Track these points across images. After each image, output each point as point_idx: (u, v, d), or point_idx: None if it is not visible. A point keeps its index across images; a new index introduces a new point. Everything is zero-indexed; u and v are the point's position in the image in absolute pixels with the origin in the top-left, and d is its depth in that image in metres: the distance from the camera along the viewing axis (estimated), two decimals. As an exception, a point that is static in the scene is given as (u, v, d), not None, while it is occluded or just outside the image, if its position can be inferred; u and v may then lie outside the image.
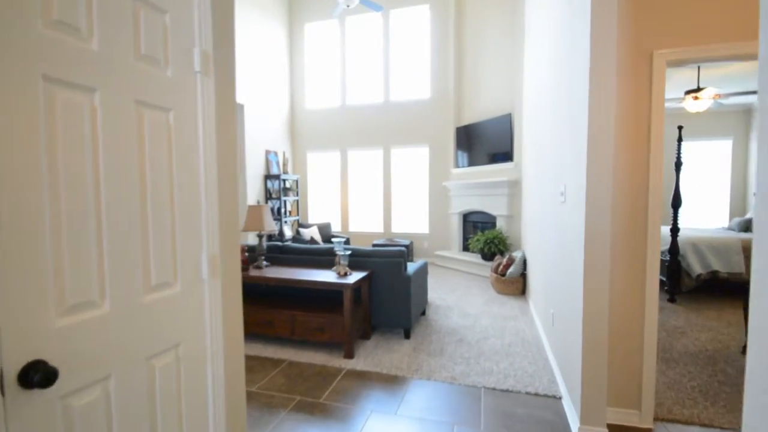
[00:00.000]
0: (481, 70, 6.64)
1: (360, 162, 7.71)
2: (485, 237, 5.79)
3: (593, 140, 1.93)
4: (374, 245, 7.03)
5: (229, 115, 1.37)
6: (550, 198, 2.91)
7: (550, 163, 2.94)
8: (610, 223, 1.94)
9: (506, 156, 6.11)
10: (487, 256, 5.87)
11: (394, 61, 7.41)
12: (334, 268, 3.21)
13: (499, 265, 5.01)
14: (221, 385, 1.33)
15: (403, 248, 3.40)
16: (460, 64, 6.96)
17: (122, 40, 1.02)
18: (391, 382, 2.62)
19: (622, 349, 2.22)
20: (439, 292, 5.02)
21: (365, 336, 3.31)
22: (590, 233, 1.97)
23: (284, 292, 3.55)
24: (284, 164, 7.33)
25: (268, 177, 6.87)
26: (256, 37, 6.61)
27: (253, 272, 3.24)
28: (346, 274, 3.13)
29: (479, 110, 6.71)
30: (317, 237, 6.58)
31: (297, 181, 7.64)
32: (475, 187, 6.46)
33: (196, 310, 1.26)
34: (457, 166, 7.07)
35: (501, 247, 5.68)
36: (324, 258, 3.53)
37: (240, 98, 6.20)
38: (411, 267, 3.62)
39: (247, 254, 3.32)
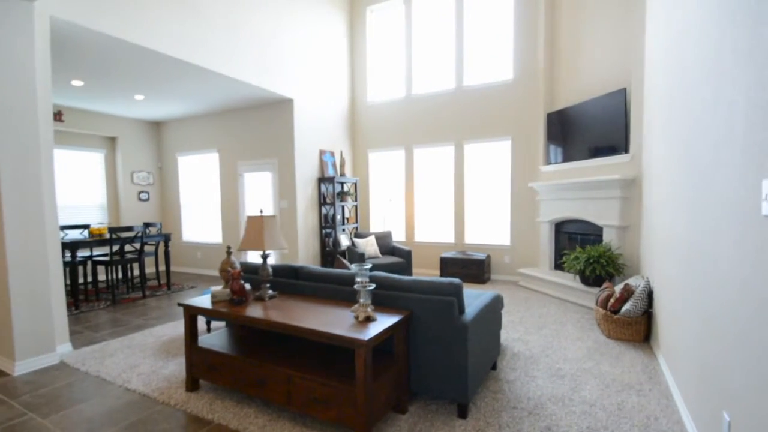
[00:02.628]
0: (581, 36, 5.10)
1: (427, 161, 6.64)
2: (587, 255, 4.28)
3: None
4: (443, 259, 5.92)
5: None
6: (729, 206, 1.54)
7: (730, 143, 1.57)
8: None
9: (616, 147, 4.50)
10: (590, 281, 4.35)
11: (470, 40, 6.20)
12: (354, 307, 2.23)
13: (609, 297, 3.53)
14: None
15: (456, 283, 2.28)
16: (552, 34, 5.49)
17: None
18: None
19: None
20: (520, 327, 3.72)
21: (399, 408, 2.27)
22: None
23: (283, 338, 2.66)
24: (341, 165, 6.61)
25: (321, 180, 6.21)
26: (309, 26, 5.99)
27: (252, 308, 2.42)
28: (367, 320, 2.13)
29: (579, 89, 5.16)
30: (374, 249, 5.70)
31: (356, 184, 6.86)
32: (573, 188, 4.94)
33: None
34: (548, 162, 5.59)
35: (610, 270, 4.12)
36: (349, 289, 2.58)
37: (290, 93, 5.61)
38: (473, 306, 2.47)
39: (242, 281, 2.52)
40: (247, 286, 2.64)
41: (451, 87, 6.34)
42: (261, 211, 2.58)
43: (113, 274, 4.82)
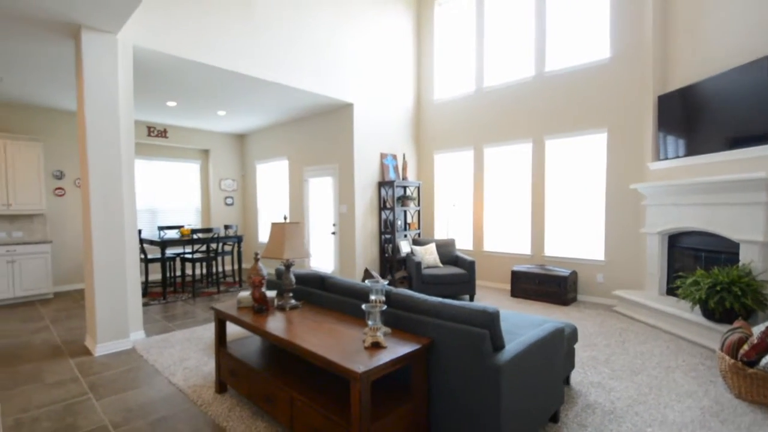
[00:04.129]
0: (707, -5, 3.98)
1: (500, 161, 5.95)
2: (712, 279, 3.24)
3: None
4: (514, 272, 5.21)
5: None
6: None
7: None
8: None
9: (764, 135, 3.34)
10: (716, 315, 3.29)
11: (554, 16, 5.36)
12: (366, 329, 1.94)
13: (741, 341, 2.56)
14: None
15: (491, 311, 1.81)
16: None
17: None
18: None
19: None
20: (605, 369, 2.95)
21: (416, 455, 1.89)
22: None
23: (293, 356, 2.45)
24: (403, 169, 6.32)
25: (382, 184, 6.00)
26: (371, 28, 5.83)
27: (268, 318, 2.30)
28: (375, 346, 1.82)
29: (703, 62, 4.03)
30: (434, 257, 5.26)
31: (419, 188, 6.49)
32: (695, 190, 3.86)
33: None
34: (658, 158, 4.49)
35: (747, 302, 3.03)
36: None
37: (349, 97, 5.52)
38: (519, 340, 1.96)
39: (264, 289, 2.41)
40: (270, 293, 2.55)
41: (530, 75, 5.54)
42: (285, 218, 2.46)
43: (197, 270, 5.29)
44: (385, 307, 1.87)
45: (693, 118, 4.04)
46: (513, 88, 5.72)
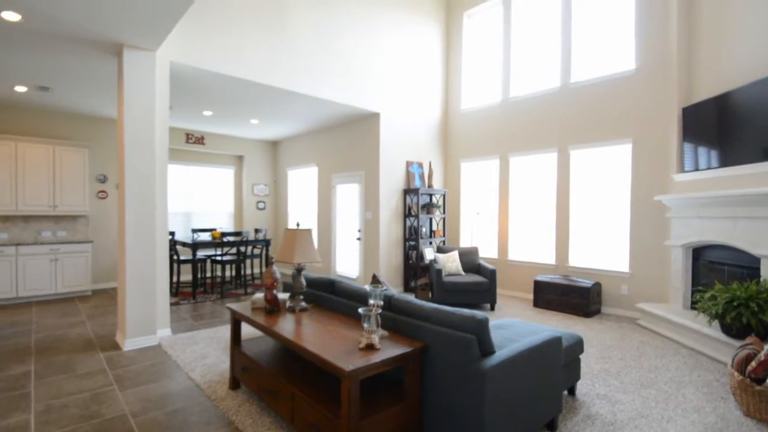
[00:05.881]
0: (730, 4, 3.90)
1: (525, 170, 5.95)
2: (730, 294, 3.14)
3: None
4: (537, 282, 5.20)
5: None
6: None
7: None
8: None
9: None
10: (733, 330, 3.18)
11: (579, 29, 5.41)
12: (363, 332, 2.06)
13: (750, 358, 2.49)
14: None
15: (479, 318, 1.89)
16: (689, 6, 4.36)
17: None
18: None
19: None
20: (614, 381, 2.92)
21: (408, 453, 1.98)
22: None
23: (299, 355, 2.57)
24: (429, 176, 6.42)
25: (407, 191, 6.12)
26: (400, 41, 6.02)
27: (277, 318, 2.47)
28: (369, 347, 1.93)
29: (727, 74, 3.95)
30: (456, 265, 5.32)
31: (444, 196, 6.56)
32: (718, 203, 3.76)
33: None
34: (683, 169, 4.39)
35: (764, 318, 2.93)
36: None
37: (376, 107, 5.70)
38: (511, 347, 2.03)
39: (276, 291, 2.58)
40: (283, 296, 2.72)
41: (556, 85, 5.56)
42: (297, 225, 2.63)
43: (227, 272, 5.56)
44: (380, 311, 1.99)
45: (718, 129, 3.93)
46: (539, 99, 5.73)
